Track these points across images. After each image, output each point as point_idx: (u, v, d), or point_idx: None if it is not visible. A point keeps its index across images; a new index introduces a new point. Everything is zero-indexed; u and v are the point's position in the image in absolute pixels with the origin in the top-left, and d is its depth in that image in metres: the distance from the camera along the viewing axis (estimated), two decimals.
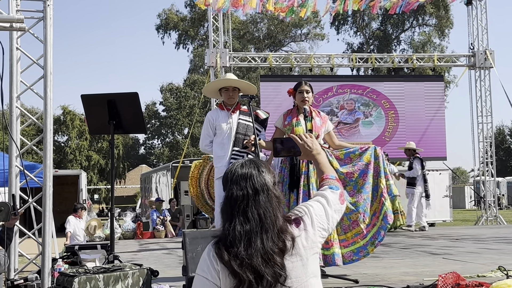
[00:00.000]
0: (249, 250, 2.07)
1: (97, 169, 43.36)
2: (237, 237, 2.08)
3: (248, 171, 2.21)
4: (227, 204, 2.17)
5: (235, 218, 2.12)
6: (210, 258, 2.15)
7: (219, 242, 2.14)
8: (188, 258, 4.34)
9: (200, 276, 2.18)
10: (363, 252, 5.34)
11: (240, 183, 2.18)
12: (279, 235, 2.12)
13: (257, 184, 2.18)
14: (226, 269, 2.08)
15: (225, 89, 5.84)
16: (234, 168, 2.25)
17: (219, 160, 5.76)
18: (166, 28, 44.89)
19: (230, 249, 2.08)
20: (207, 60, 14.81)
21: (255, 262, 2.05)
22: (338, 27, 44.20)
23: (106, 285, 4.25)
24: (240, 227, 2.10)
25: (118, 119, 4.97)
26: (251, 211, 2.12)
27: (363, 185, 5.42)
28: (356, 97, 15.15)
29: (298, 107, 5.75)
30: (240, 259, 2.05)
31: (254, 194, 2.16)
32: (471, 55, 15.55)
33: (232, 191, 2.17)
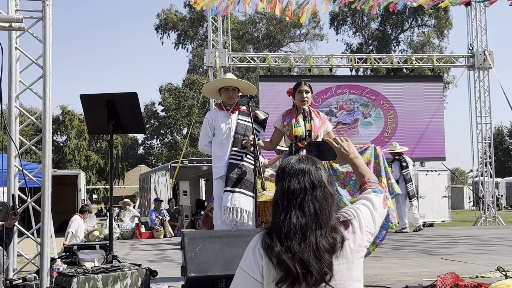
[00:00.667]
0: (303, 244, 2.06)
1: (95, 169, 43.36)
2: (292, 230, 2.07)
3: (306, 167, 2.20)
4: (283, 197, 2.15)
5: (291, 211, 2.11)
6: (255, 253, 2.14)
7: (271, 233, 2.11)
8: (187, 258, 4.33)
9: (243, 270, 2.17)
10: None
11: (298, 176, 2.17)
12: (331, 233, 2.11)
13: (315, 179, 2.17)
14: (272, 263, 2.07)
15: (225, 89, 5.84)
16: (291, 162, 2.23)
17: (218, 160, 5.76)
18: (165, 28, 44.88)
19: (283, 241, 2.07)
20: (206, 60, 14.81)
21: (306, 257, 2.04)
22: (337, 27, 44.23)
23: (105, 285, 4.25)
24: (296, 220, 2.09)
25: (117, 119, 4.97)
26: (308, 205, 2.12)
27: None
28: (355, 98, 15.16)
29: (297, 108, 5.75)
30: (292, 252, 2.04)
31: (311, 188, 2.15)
32: (470, 56, 15.56)
33: (290, 184, 2.16)
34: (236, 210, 5.53)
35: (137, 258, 7.98)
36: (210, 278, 4.28)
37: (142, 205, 21.44)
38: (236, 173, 5.62)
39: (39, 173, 5.26)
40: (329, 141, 2.62)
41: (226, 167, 5.64)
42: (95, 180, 43.25)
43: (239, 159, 5.67)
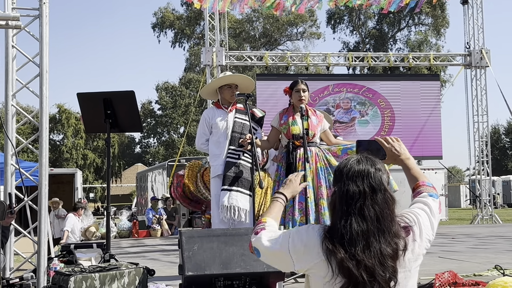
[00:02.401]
0: (367, 251, 2.00)
1: (93, 168, 43.28)
2: (354, 237, 2.01)
3: (365, 168, 2.11)
4: (341, 201, 2.08)
5: (351, 216, 2.04)
6: (309, 245, 2.10)
7: (332, 237, 2.05)
8: (185, 257, 4.31)
9: (287, 249, 2.14)
10: None
11: (356, 179, 2.09)
12: (394, 239, 2.04)
13: (374, 182, 2.09)
14: (329, 264, 2.03)
15: (228, 86, 5.81)
16: (349, 163, 2.15)
17: (215, 159, 5.74)
18: (162, 27, 44.82)
19: (346, 248, 2.01)
20: (203, 58, 14.79)
21: (371, 264, 1.99)
22: (334, 26, 44.27)
23: (102, 284, 4.24)
24: (357, 226, 2.02)
25: (114, 118, 4.95)
26: (368, 209, 2.04)
27: None
28: (352, 96, 15.15)
29: (294, 106, 5.75)
30: (356, 259, 1.99)
31: (371, 192, 2.07)
32: (467, 54, 15.57)
33: (348, 188, 2.08)
34: (233, 208, 5.53)
35: (134, 257, 7.97)
36: (207, 277, 4.27)
37: (139, 204, 21.43)
38: (233, 171, 5.61)
39: (36, 171, 5.25)
40: (379, 140, 2.51)
41: (224, 166, 5.64)
42: (92, 179, 43.17)
43: (236, 158, 5.66)
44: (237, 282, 4.34)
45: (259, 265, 4.29)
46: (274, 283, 4.43)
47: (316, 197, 5.50)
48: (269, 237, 2.23)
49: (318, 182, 5.52)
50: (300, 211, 5.42)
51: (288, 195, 2.52)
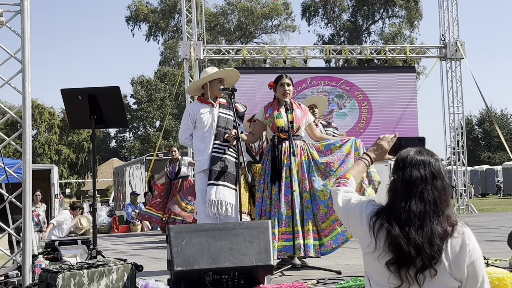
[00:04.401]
0: (419, 231, 2.20)
1: (67, 163, 42.82)
2: (411, 217, 2.22)
3: (427, 158, 2.34)
4: (404, 185, 2.28)
5: (411, 199, 2.25)
6: (362, 216, 2.36)
7: (390, 217, 2.26)
8: (173, 252, 4.31)
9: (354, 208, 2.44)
10: (341, 239, 5.44)
11: (419, 167, 2.30)
12: (446, 221, 2.25)
13: (435, 170, 2.31)
14: (375, 239, 2.27)
15: (218, 80, 5.80)
16: (410, 154, 2.36)
17: (200, 154, 5.73)
18: (136, 20, 44.47)
19: (402, 226, 2.21)
20: (181, 52, 14.70)
21: (420, 242, 2.18)
22: (309, 18, 44.37)
23: (91, 281, 4.22)
24: (415, 207, 2.23)
25: (99, 114, 4.92)
26: (428, 193, 2.25)
27: (340, 172, 5.51)
28: (330, 89, 15.23)
29: (279, 100, 5.79)
30: (408, 237, 2.19)
31: (432, 178, 2.28)
32: (442, 47, 15.74)
33: (411, 173, 2.29)
34: (220, 203, 5.53)
35: (118, 252, 7.94)
36: (196, 272, 4.27)
37: (117, 199, 21.30)
38: (219, 166, 5.61)
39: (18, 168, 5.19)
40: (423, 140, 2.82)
41: (209, 161, 5.63)
42: (67, 175, 42.72)
43: (222, 152, 5.66)
44: (226, 277, 4.35)
45: (248, 259, 4.32)
46: (262, 276, 4.46)
47: (300, 190, 5.55)
48: (343, 197, 2.54)
49: (302, 175, 5.57)
50: (286, 204, 5.47)
51: (375, 158, 2.77)
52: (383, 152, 2.77)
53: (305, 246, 5.39)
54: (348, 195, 2.54)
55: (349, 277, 4.84)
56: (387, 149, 2.76)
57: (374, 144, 2.78)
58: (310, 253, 5.39)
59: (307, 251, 5.39)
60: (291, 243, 5.37)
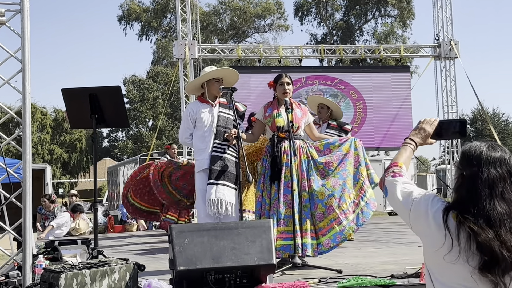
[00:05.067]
0: (510, 233, 2.12)
1: (60, 162, 42.62)
2: (500, 219, 2.13)
3: (502, 155, 2.24)
4: (484, 185, 2.18)
5: (494, 199, 2.16)
6: (440, 217, 2.22)
7: (477, 219, 2.15)
8: (176, 251, 4.31)
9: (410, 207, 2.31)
10: (340, 238, 5.46)
11: (495, 165, 2.21)
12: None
13: (511, 167, 2.22)
14: (450, 238, 2.15)
15: (216, 80, 5.81)
16: (484, 150, 2.25)
17: (200, 153, 5.74)
18: (129, 19, 44.33)
19: (494, 229, 2.12)
20: (176, 52, 14.68)
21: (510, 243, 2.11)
22: (301, 18, 44.40)
23: (93, 281, 4.22)
24: (501, 208, 2.15)
25: (100, 113, 4.91)
26: (509, 193, 2.18)
27: (339, 171, 5.53)
28: (325, 88, 15.26)
29: (278, 99, 5.80)
30: (500, 240, 2.10)
31: (509, 177, 2.20)
32: (436, 46, 15.79)
33: (489, 172, 2.19)
34: (220, 202, 5.54)
35: (117, 252, 7.92)
36: (199, 271, 4.27)
37: (111, 199, 21.23)
38: (219, 165, 5.62)
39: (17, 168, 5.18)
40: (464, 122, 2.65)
41: (209, 160, 5.64)
42: (59, 174, 42.52)
43: (222, 152, 5.67)
44: (228, 276, 4.35)
45: (250, 259, 4.33)
46: (265, 275, 4.46)
47: (299, 189, 5.56)
48: (402, 189, 2.41)
49: (301, 174, 5.59)
50: (285, 203, 5.48)
51: (419, 141, 2.61)
52: (426, 136, 2.60)
53: (302, 245, 5.40)
54: (408, 187, 2.41)
55: (350, 276, 4.85)
56: (430, 133, 2.60)
57: (415, 128, 2.63)
58: (307, 252, 5.41)
59: (305, 250, 5.40)
60: (289, 242, 5.38)
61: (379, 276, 4.79)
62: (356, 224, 5.47)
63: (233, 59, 16.92)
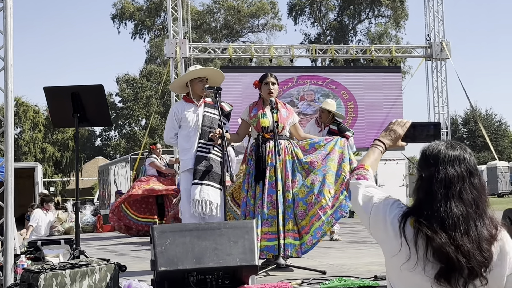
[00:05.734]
0: (466, 236, 1.98)
1: (52, 161, 42.45)
2: (455, 221, 2.00)
3: (461, 153, 2.11)
4: (440, 185, 2.05)
5: (451, 200, 2.02)
6: (397, 223, 2.09)
7: (432, 223, 2.02)
8: (157, 252, 4.27)
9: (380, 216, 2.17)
10: (320, 233, 5.44)
11: (453, 164, 2.08)
12: (491, 223, 2.04)
13: (471, 166, 2.09)
14: (415, 249, 2.02)
15: (199, 79, 5.77)
16: (441, 149, 2.12)
17: (184, 153, 5.71)
18: (122, 18, 44.23)
19: (448, 232, 1.99)
20: (167, 51, 14.62)
21: (469, 248, 1.97)
22: (295, 17, 44.39)
23: (73, 281, 4.18)
24: (457, 210, 2.01)
25: (83, 112, 4.86)
26: (467, 193, 2.04)
27: (319, 168, 5.51)
28: (316, 88, 15.24)
29: (263, 99, 5.77)
30: (455, 244, 1.97)
31: (469, 176, 2.07)
32: (428, 46, 15.78)
33: (447, 171, 2.06)
34: (204, 202, 5.51)
35: (102, 252, 7.87)
36: (180, 272, 4.24)
37: (102, 198, 21.15)
38: (203, 165, 5.59)
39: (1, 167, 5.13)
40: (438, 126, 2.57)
41: (194, 160, 5.61)
42: (51, 173, 42.33)
43: (207, 152, 5.64)
44: (210, 277, 4.32)
45: (232, 259, 4.29)
46: (247, 276, 4.43)
47: (283, 189, 5.54)
48: (364, 193, 2.29)
49: (286, 174, 5.56)
50: (270, 204, 5.45)
51: (388, 143, 2.47)
52: (396, 138, 2.46)
53: (284, 246, 5.38)
54: (370, 191, 2.29)
55: (334, 277, 4.83)
56: (401, 135, 2.46)
57: (386, 129, 2.50)
58: (289, 252, 5.39)
59: (286, 250, 5.38)
60: (273, 243, 5.36)
61: (363, 277, 4.76)
62: (334, 217, 5.46)
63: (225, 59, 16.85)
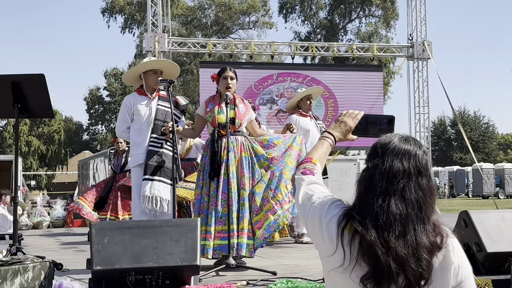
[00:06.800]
0: (401, 239, 1.75)
1: (37, 155, 42.13)
2: (391, 219, 1.76)
3: (413, 149, 1.87)
4: (381, 177, 1.82)
5: (391, 197, 1.79)
6: (334, 227, 1.85)
7: (365, 218, 1.78)
8: (94, 250, 4.10)
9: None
10: (273, 227, 5.32)
11: (402, 157, 1.84)
12: (434, 230, 1.81)
13: (421, 164, 1.85)
14: (345, 249, 1.80)
15: (153, 71, 5.57)
16: (394, 140, 1.89)
17: (136, 148, 5.52)
18: (112, 12, 43.92)
19: (379, 231, 1.76)
20: (145, 44, 14.40)
21: (404, 253, 1.74)
22: (286, 15, 44.22)
23: (4, 279, 3.99)
24: (396, 208, 1.77)
25: (24, 102, 4.66)
26: (410, 192, 1.80)
27: (277, 164, 5.38)
28: (296, 85, 15.02)
29: (220, 94, 5.59)
30: (388, 246, 1.74)
31: (416, 174, 1.82)
32: (410, 46, 15.63)
33: (392, 164, 1.82)
34: (155, 199, 5.34)
35: (45, 249, 7.64)
36: (117, 271, 4.07)
37: (82, 192, 20.93)
38: (155, 160, 5.41)
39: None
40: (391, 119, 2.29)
41: (145, 155, 5.43)
42: (36, 166, 42.04)
43: (159, 146, 5.46)
44: (150, 277, 4.16)
45: (172, 259, 4.13)
46: (188, 277, 4.29)
47: (238, 187, 5.38)
48: (306, 190, 2.05)
49: (241, 171, 5.40)
50: (224, 202, 5.29)
51: (338, 136, 2.26)
52: (346, 131, 2.25)
53: (238, 245, 5.23)
54: (312, 188, 2.04)
55: (283, 278, 4.67)
56: (352, 127, 2.26)
57: (336, 121, 2.27)
58: (242, 252, 5.23)
59: (240, 250, 5.23)
60: (227, 242, 5.19)
61: (313, 278, 4.62)
62: (291, 212, 5.32)
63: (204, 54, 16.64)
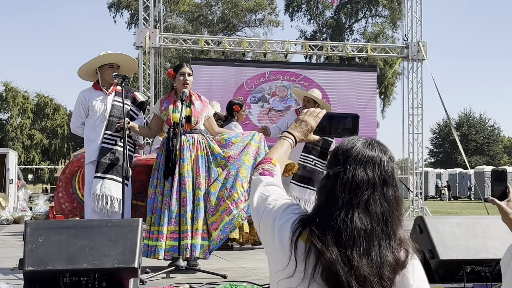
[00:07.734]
0: (365, 257, 1.61)
1: (40, 148, 42.13)
2: (354, 236, 1.61)
3: (378, 155, 1.70)
4: (344, 188, 1.66)
5: (354, 210, 1.64)
6: (286, 233, 1.69)
7: (325, 234, 1.62)
8: (27, 250, 3.98)
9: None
10: (229, 228, 5.21)
11: (366, 165, 1.68)
12: (399, 246, 1.66)
13: (386, 173, 1.69)
14: (308, 262, 1.63)
15: (109, 66, 5.43)
16: (357, 145, 1.72)
17: (89, 144, 5.38)
18: (119, 7, 43.87)
19: (341, 248, 1.61)
20: (136, 40, 14.27)
21: (366, 273, 1.60)
22: (292, 14, 44.03)
23: None
24: (360, 223, 1.62)
25: None
26: (375, 205, 1.65)
27: (233, 162, 5.24)
28: (289, 84, 14.88)
29: (176, 91, 5.45)
30: (350, 265, 1.59)
31: (382, 184, 1.68)
32: (405, 47, 15.42)
33: (356, 173, 1.67)
34: (106, 197, 5.21)
35: (12, 245, 7.53)
36: (50, 273, 3.95)
37: None
38: (108, 158, 5.28)
39: None
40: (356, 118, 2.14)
41: (98, 152, 5.29)
42: (39, 160, 42.03)
43: (113, 144, 5.33)
44: (85, 279, 4.03)
45: (109, 261, 4.00)
46: (126, 279, 4.14)
47: (194, 187, 5.24)
48: (262, 192, 1.87)
49: (197, 171, 5.26)
50: (177, 201, 5.15)
51: (298, 136, 2.08)
52: (307, 130, 2.07)
53: (192, 246, 5.09)
54: (270, 189, 1.87)
55: (229, 282, 4.55)
56: (313, 127, 2.08)
57: (296, 120, 2.10)
58: (196, 253, 5.09)
59: (193, 251, 5.09)
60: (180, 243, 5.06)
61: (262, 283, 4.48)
62: (246, 212, 5.19)
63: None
